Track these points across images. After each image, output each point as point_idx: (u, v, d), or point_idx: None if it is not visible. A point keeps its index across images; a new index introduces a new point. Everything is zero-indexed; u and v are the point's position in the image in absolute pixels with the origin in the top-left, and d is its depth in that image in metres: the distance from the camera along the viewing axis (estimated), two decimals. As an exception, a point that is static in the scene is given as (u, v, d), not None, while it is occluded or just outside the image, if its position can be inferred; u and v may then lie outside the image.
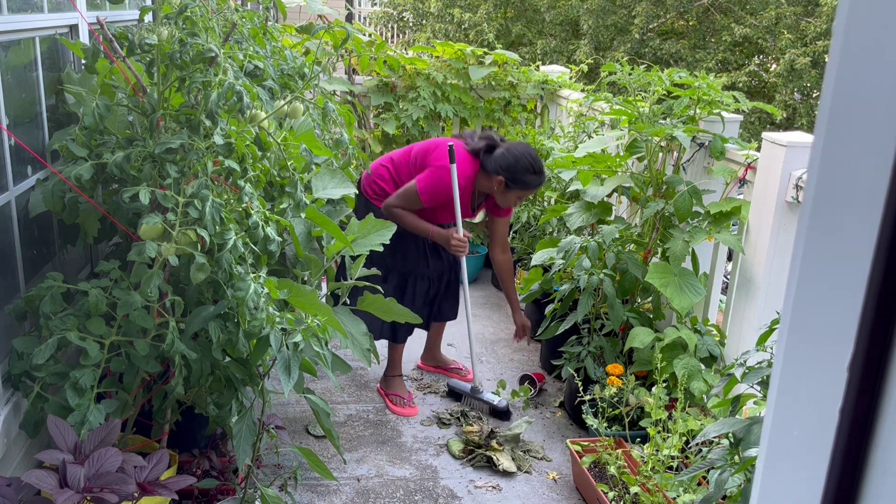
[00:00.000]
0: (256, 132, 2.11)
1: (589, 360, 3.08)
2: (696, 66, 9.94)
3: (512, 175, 3.02)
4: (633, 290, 3.14)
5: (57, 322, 1.93)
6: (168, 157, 1.94)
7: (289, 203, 2.26)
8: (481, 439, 3.01)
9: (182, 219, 1.89)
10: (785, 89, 9.71)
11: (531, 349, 3.94)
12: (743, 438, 1.82)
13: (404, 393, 3.39)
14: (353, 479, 2.83)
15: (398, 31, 13.43)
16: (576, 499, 2.75)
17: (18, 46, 2.18)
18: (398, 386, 3.41)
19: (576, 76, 5.20)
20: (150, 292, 1.88)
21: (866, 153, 0.52)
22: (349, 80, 5.01)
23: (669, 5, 10.64)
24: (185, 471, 2.32)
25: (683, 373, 2.70)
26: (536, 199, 4.42)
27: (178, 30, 1.98)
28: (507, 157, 3.03)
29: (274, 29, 3.13)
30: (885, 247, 0.51)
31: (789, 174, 2.65)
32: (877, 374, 0.53)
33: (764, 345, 1.97)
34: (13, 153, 2.13)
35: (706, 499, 1.93)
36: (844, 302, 0.54)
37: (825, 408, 0.56)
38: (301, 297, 2.11)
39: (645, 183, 3.21)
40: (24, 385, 2.01)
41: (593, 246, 3.10)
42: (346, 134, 2.61)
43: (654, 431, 2.53)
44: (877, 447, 0.54)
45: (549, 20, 11.26)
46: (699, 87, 3.05)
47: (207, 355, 2.03)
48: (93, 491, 1.69)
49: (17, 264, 2.19)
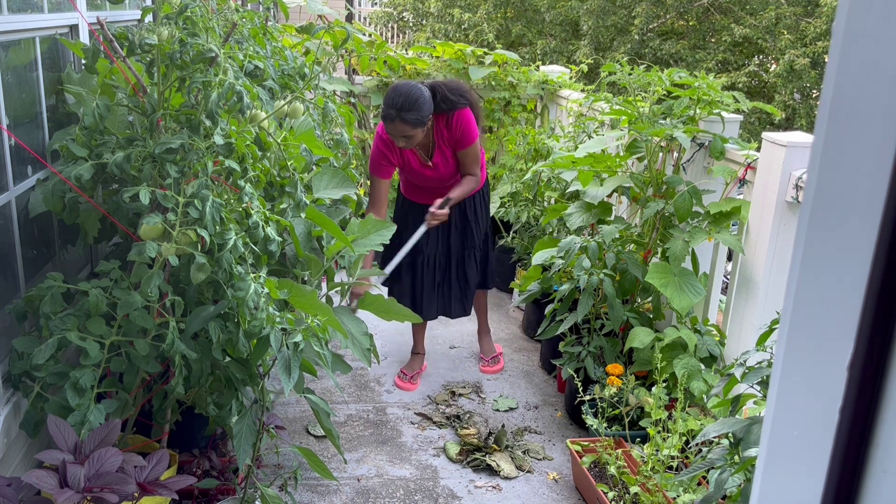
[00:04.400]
0: (256, 132, 2.11)
1: (589, 360, 3.08)
2: (696, 67, 9.94)
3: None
4: (633, 290, 3.14)
5: (57, 322, 1.93)
6: (168, 157, 1.94)
7: (289, 203, 2.26)
8: (480, 441, 3.00)
9: (182, 219, 1.89)
10: (785, 90, 9.71)
11: (531, 349, 3.95)
12: (743, 438, 1.82)
13: (410, 370, 3.55)
14: (354, 478, 2.83)
15: (398, 31, 13.43)
16: (576, 499, 2.75)
17: (19, 46, 2.18)
18: (410, 362, 3.62)
19: (576, 76, 5.20)
20: (150, 292, 1.88)
21: (866, 153, 0.52)
22: (349, 80, 5.01)
23: (669, 5, 10.64)
24: (185, 471, 2.32)
25: (683, 373, 2.70)
26: (536, 199, 4.42)
27: (179, 30, 1.98)
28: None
29: (274, 29, 3.13)
30: (885, 247, 0.51)
31: (789, 174, 2.65)
32: (877, 373, 0.53)
33: (764, 345, 1.97)
34: (13, 153, 2.13)
35: (706, 499, 1.93)
36: (844, 302, 0.54)
37: (825, 408, 0.56)
38: (301, 297, 2.11)
39: (645, 183, 3.21)
40: (24, 385, 2.01)
41: (593, 246, 3.10)
42: (346, 134, 2.61)
43: (654, 431, 2.53)
44: (877, 447, 0.54)
45: (549, 20, 11.25)
46: (699, 88, 3.05)
47: (207, 355, 2.03)
48: (93, 491, 1.69)
49: (18, 264, 2.19)
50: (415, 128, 3.03)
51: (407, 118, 2.99)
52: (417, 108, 2.99)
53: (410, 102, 2.98)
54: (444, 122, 3.18)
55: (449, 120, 3.17)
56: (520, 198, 4.43)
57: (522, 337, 4.10)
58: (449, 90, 3.15)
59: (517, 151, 4.60)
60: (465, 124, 3.17)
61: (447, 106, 3.13)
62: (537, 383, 3.60)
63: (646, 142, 3.15)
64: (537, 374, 3.69)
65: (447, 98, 3.12)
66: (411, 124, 3.01)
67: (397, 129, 3.03)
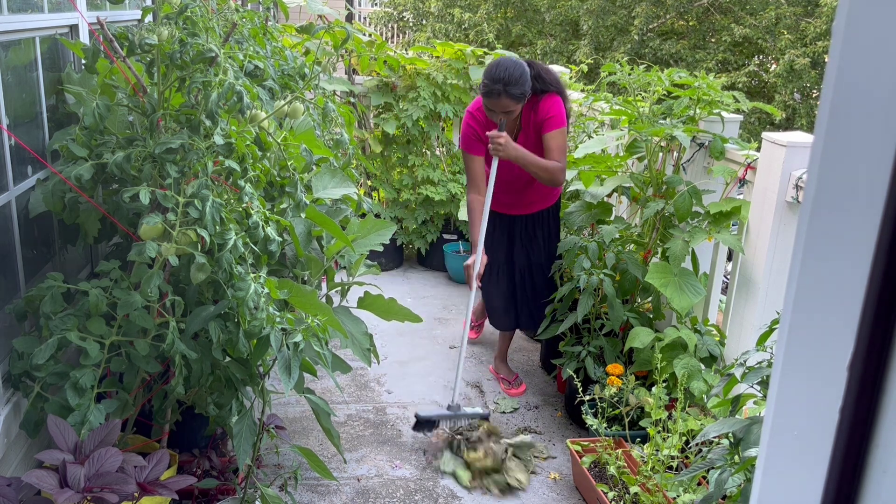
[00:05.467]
0: (256, 132, 2.11)
1: (589, 360, 3.08)
2: (696, 67, 9.94)
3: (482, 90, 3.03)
4: (633, 290, 3.14)
5: (57, 322, 1.93)
6: (168, 157, 1.94)
7: (289, 203, 2.26)
8: (496, 462, 2.82)
9: (182, 219, 1.89)
10: (785, 89, 9.71)
11: (531, 349, 3.95)
12: (743, 438, 1.82)
13: (509, 374, 3.57)
14: (353, 478, 2.83)
15: (398, 31, 13.43)
16: (576, 499, 2.75)
17: (19, 46, 2.18)
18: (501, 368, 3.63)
19: (576, 76, 5.19)
20: (150, 292, 1.88)
21: (866, 153, 0.52)
22: (349, 80, 5.01)
23: (669, 5, 10.64)
24: (186, 471, 2.32)
25: (683, 373, 2.70)
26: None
27: (179, 30, 1.98)
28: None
29: (274, 29, 3.13)
30: (885, 247, 0.51)
31: (789, 174, 2.65)
32: (877, 374, 0.53)
33: (764, 345, 1.97)
34: (13, 153, 2.13)
35: (706, 499, 1.93)
36: (844, 302, 0.54)
37: (825, 408, 0.56)
38: (301, 297, 2.11)
39: (645, 183, 3.21)
40: (24, 385, 2.01)
41: (593, 246, 3.10)
42: (346, 134, 2.61)
43: (654, 431, 2.53)
44: (877, 447, 0.54)
45: (549, 20, 11.26)
46: (699, 87, 3.05)
47: (207, 355, 2.03)
48: (93, 491, 1.69)
49: (18, 264, 2.19)
50: (517, 103, 2.99)
51: (512, 92, 2.95)
52: (522, 82, 2.97)
53: (516, 77, 2.95)
54: (533, 103, 3.12)
55: (536, 103, 3.11)
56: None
57: (522, 337, 4.10)
58: (544, 70, 3.13)
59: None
60: (554, 107, 3.10)
61: (540, 85, 3.08)
62: (537, 383, 3.60)
63: (646, 142, 3.15)
64: (537, 374, 3.69)
65: (541, 77, 3.09)
66: (516, 99, 2.97)
67: (501, 105, 2.99)
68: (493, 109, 3.02)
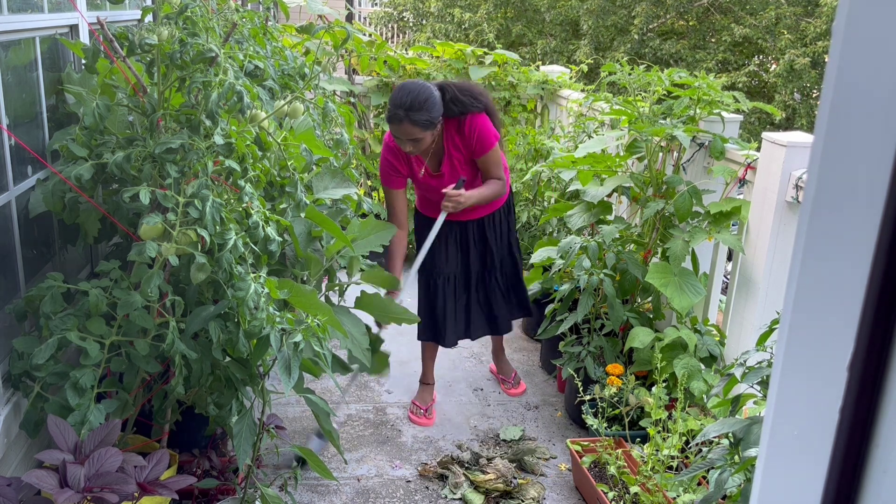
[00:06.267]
0: (256, 132, 2.11)
1: (589, 360, 3.08)
2: (696, 67, 9.94)
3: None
4: (633, 290, 3.14)
5: (57, 322, 1.93)
6: (168, 157, 1.94)
7: (289, 203, 2.26)
8: (507, 484, 2.72)
9: (182, 219, 1.89)
10: (785, 89, 9.71)
11: (531, 349, 3.95)
12: (743, 438, 1.82)
13: (423, 402, 3.29)
14: (353, 478, 2.83)
15: (398, 31, 13.43)
16: (576, 499, 2.75)
17: (19, 46, 2.18)
18: (420, 393, 3.34)
19: (576, 76, 5.20)
20: (150, 292, 1.88)
21: (866, 153, 0.52)
22: (349, 80, 5.01)
23: (669, 5, 10.64)
24: (186, 471, 2.32)
25: (683, 373, 2.70)
26: (536, 199, 4.42)
27: (179, 30, 1.98)
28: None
29: (274, 29, 3.13)
30: (885, 247, 0.51)
31: (789, 174, 2.65)
32: (877, 374, 0.53)
33: (764, 345, 1.97)
34: (13, 153, 2.13)
35: (706, 499, 1.93)
36: (844, 302, 0.54)
37: (825, 408, 0.56)
38: (301, 297, 2.11)
39: (645, 183, 3.21)
40: (24, 385, 2.01)
41: (593, 246, 3.10)
42: (346, 134, 2.61)
43: (654, 431, 2.53)
44: (877, 447, 0.54)
45: (549, 20, 11.26)
46: (699, 87, 3.05)
47: (207, 355, 2.03)
48: (93, 491, 1.69)
49: (18, 264, 2.19)
50: (424, 130, 2.77)
51: (416, 119, 2.73)
52: (427, 108, 2.75)
53: (420, 102, 2.73)
54: (456, 127, 2.91)
55: (461, 125, 2.90)
56: (520, 198, 4.44)
57: (522, 337, 4.10)
58: (460, 91, 2.89)
59: (517, 151, 4.60)
60: (480, 128, 2.89)
61: (458, 108, 2.86)
62: (537, 383, 3.60)
63: (646, 142, 3.15)
64: (537, 373, 3.69)
65: (457, 99, 2.86)
66: (421, 126, 2.75)
67: (405, 132, 2.77)
68: (399, 136, 2.81)
